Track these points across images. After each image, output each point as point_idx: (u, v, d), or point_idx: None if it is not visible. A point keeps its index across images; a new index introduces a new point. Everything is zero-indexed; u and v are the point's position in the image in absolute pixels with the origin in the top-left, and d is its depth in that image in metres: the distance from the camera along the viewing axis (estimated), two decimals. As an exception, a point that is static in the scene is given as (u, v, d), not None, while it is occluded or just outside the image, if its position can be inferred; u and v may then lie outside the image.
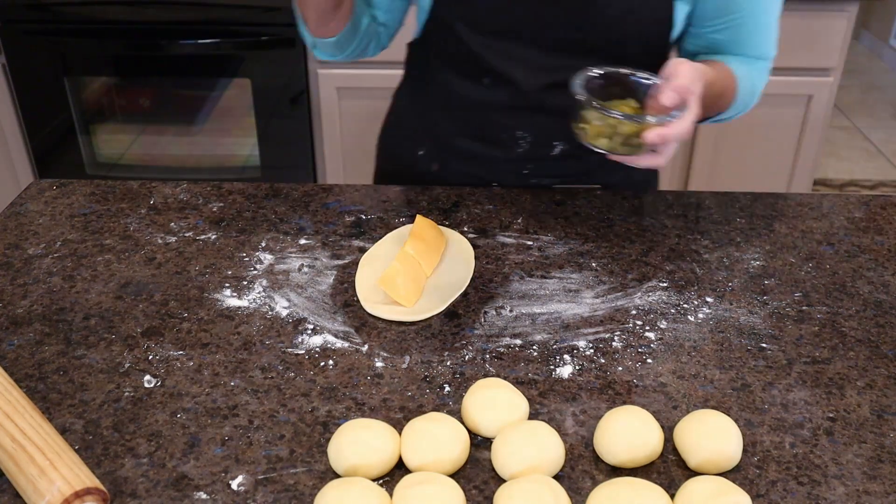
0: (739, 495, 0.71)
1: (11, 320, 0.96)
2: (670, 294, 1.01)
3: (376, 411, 0.84)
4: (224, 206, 1.18)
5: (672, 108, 0.92)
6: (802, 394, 0.86)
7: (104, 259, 1.07)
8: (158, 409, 0.84)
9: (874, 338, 0.94)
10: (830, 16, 2.19)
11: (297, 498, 0.74)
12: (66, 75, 2.35)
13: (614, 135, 0.95)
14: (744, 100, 1.14)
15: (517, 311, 0.98)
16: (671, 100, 0.91)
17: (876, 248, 1.10)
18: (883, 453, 0.79)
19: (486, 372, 0.89)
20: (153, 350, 0.92)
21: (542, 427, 0.77)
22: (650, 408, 0.84)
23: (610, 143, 0.96)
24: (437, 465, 0.75)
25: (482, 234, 1.12)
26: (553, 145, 1.19)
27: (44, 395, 0.85)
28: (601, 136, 0.96)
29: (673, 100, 0.91)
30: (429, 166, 1.27)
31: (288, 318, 0.96)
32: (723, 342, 0.93)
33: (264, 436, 0.81)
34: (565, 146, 1.19)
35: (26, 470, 0.71)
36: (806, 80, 2.28)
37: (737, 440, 0.77)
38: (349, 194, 1.20)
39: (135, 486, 0.75)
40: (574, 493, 0.75)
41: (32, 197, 1.21)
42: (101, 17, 2.25)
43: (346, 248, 1.09)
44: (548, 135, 1.18)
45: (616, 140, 0.95)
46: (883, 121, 3.86)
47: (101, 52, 2.33)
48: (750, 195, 1.22)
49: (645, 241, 1.11)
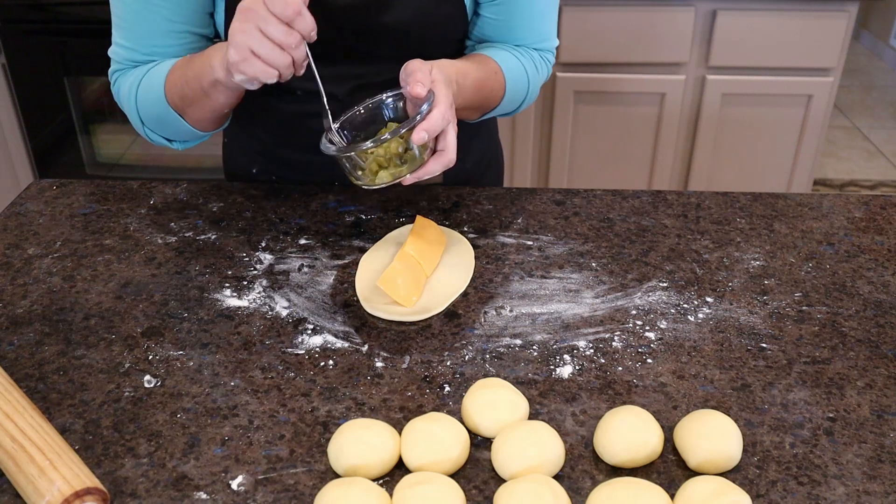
0: (739, 495, 0.71)
1: (11, 320, 0.96)
2: (670, 294, 1.01)
3: (376, 411, 0.84)
4: (224, 206, 1.18)
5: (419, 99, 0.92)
6: (802, 394, 0.86)
7: (104, 259, 1.07)
8: (158, 409, 0.84)
9: (874, 338, 0.94)
10: (830, 16, 2.19)
11: (297, 498, 0.74)
12: (66, 75, 2.35)
13: (389, 161, 0.94)
14: (516, 88, 1.14)
15: (517, 311, 0.98)
16: (423, 88, 0.91)
17: (876, 248, 1.10)
18: (883, 453, 0.79)
19: (486, 372, 0.89)
20: (153, 350, 0.92)
21: (542, 427, 0.77)
22: (650, 408, 0.84)
23: (390, 171, 0.94)
24: (437, 465, 0.75)
25: (482, 234, 1.12)
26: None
27: (44, 395, 0.85)
28: (378, 171, 0.95)
29: (424, 88, 0.91)
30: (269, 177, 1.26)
31: (288, 318, 0.96)
32: (723, 342, 0.93)
33: (264, 436, 0.81)
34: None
35: (26, 470, 0.71)
36: (806, 80, 2.28)
37: (737, 440, 0.77)
38: (349, 194, 1.20)
39: (135, 486, 0.75)
40: (574, 493, 0.75)
41: (32, 197, 1.21)
42: (101, 17, 2.24)
43: (346, 248, 1.09)
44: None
45: (393, 164, 0.94)
46: (883, 121, 3.86)
47: (101, 52, 2.31)
48: (750, 195, 1.22)
49: (645, 241, 1.11)
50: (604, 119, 2.38)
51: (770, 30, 2.21)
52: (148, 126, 1.10)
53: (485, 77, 1.09)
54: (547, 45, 1.19)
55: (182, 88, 1.02)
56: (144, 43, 1.07)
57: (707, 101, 2.32)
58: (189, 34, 1.07)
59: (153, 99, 1.06)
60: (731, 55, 2.26)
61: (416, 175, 0.94)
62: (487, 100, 1.12)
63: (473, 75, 1.06)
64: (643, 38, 2.25)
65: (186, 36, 1.07)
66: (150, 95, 1.06)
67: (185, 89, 1.02)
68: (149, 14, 1.04)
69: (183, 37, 1.07)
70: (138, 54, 1.08)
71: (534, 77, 1.17)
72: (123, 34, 1.09)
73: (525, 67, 1.15)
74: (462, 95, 1.03)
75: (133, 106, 1.09)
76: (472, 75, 1.06)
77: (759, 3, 2.18)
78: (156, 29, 1.06)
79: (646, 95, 2.33)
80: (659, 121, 2.37)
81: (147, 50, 1.08)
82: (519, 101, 1.18)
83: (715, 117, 2.34)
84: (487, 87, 1.10)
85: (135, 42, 1.08)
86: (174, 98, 1.04)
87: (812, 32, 2.21)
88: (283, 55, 0.88)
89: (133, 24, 1.06)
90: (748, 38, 2.23)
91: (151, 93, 1.06)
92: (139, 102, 1.08)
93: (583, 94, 2.33)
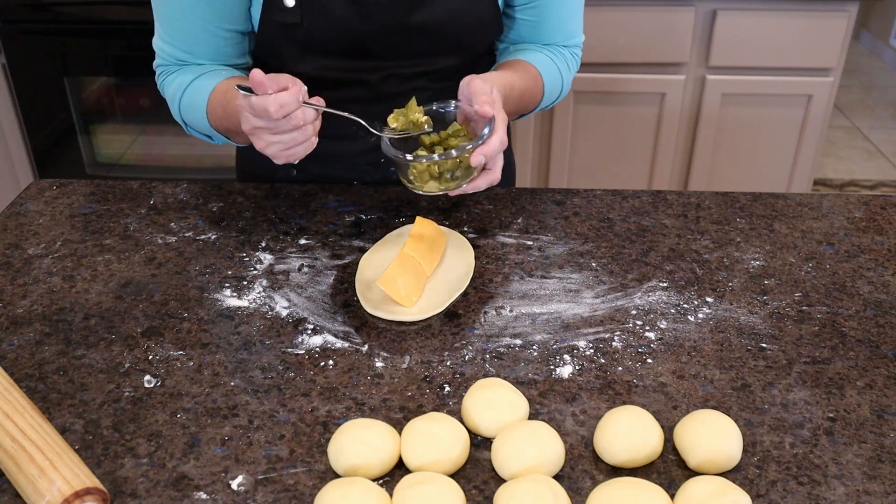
0: (739, 495, 0.71)
1: (11, 320, 0.96)
2: (670, 294, 1.01)
3: (376, 411, 0.84)
4: (224, 206, 1.18)
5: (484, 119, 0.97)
6: (802, 394, 0.86)
7: (104, 259, 1.07)
8: (158, 409, 0.84)
9: (874, 338, 0.94)
10: (830, 16, 2.19)
11: (297, 498, 0.74)
12: (66, 75, 2.35)
13: (442, 174, 0.98)
14: (552, 90, 1.20)
15: (517, 311, 0.98)
16: (491, 109, 0.96)
17: (876, 248, 1.10)
18: (883, 453, 0.79)
19: (486, 372, 0.89)
20: (153, 350, 0.92)
21: (542, 427, 0.77)
22: (650, 408, 0.84)
23: (441, 183, 0.99)
24: (437, 465, 0.75)
25: (482, 234, 1.12)
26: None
27: (44, 395, 0.85)
28: (430, 181, 0.99)
29: (492, 109, 0.96)
30: (289, 171, 1.27)
31: (288, 318, 0.96)
32: (723, 342, 0.93)
33: (264, 436, 0.81)
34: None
35: (26, 470, 0.71)
36: (806, 80, 2.28)
37: (737, 440, 0.77)
38: (349, 194, 1.20)
39: (135, 486, 0.75)
40: (574, 493, 0.75)
41: (32, 197, 1.21)
42: (101, 17, 2.25)
43: (346, 248, 1.09)
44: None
45: (445, 178, 0.98)
46: (883, 121, 3.86)
47: (101, 52, 2.33)
48: (750, 195, 1.22)
49: (645, 241, 1.11)
50: (604, 119, 2.38)
51: (770, 30, 2.21)
52: (192, 128, 1.15)
53: (528, 87, 1.14)
54: (576, 42, 1.24)
55: (223, 122, 1.07)
56: (184, 40, 1.11)
57: (707, 101, 2.32)
58: (227, 32, 1.11)
59: (198, 117, 1.11)
60: (731, 55, 2.26)
61: (461, 189, 0.98)
62: (528, 106, 1.19)
63: (519, 86, 1.11)
64: (643, 38, 2.25)
65: (225, 33, 1.11)
66: (195, 114, 1.11)
67: (227, 124, 1.07)
68: (188, 13, 1.08)
69: (221, 35, 1.11)
70: (179, 51, 1.12)
71: (567, 76, 1.22)
72: (165, 30, 1.12)
73: (559, 68, 1.20)
74: (507, 106, 1.06)
75: (177, 112, 1.15)
76: (517, 87, 1.11)
77: (759, 3, 2.18)
78: (195, 29, 1.10)
79: (646, 95, 2.33)
80: (659, 121, 2.37)
81: (187, 48, 1.12)
82: (553, 99, 1.23)
83: (715, 117, 2.34)
84: (529, 94, 1.15)
85: (175, 38, 1.12)
86: (218, 125, 1.09)
87: (812, 32, 2.21)
88: (302, 145, 0.94)
89: (173, 23, 1.11)
90: (748, 38, 2.23)
91: (195, 111, 1.11)
92: (183, 112, 1.13)
93: (583, 95, 2.33)
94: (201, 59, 1.12)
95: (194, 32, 1.10)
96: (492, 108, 0.96)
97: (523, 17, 1.17)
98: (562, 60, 1.21)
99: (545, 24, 1.18)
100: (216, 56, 1.13)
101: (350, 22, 1.07)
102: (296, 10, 1.06)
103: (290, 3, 1.06)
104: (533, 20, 1.17)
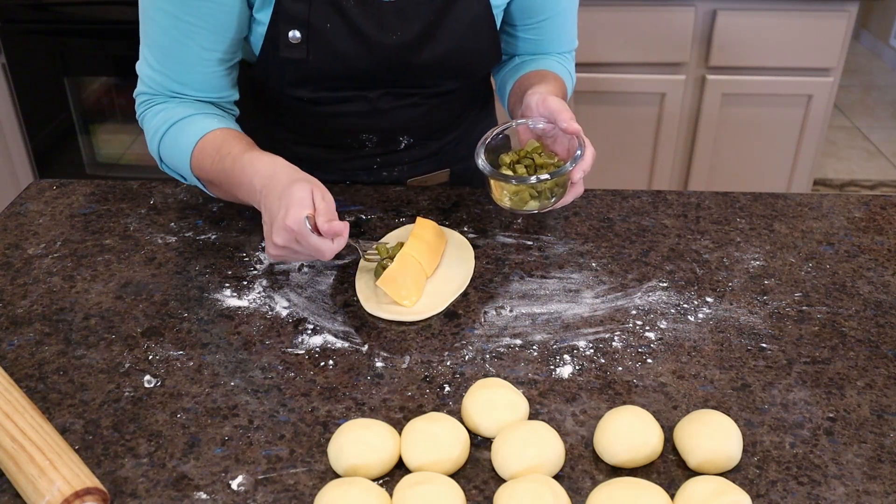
0: (739, 495, 0.71)
1: (11, 320, 0.96)
2: (670, 294, 1.01)
3: (376, 411, 0.84)
4: (224, 206, 1.18)
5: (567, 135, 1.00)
6: (802, 394, 0.86)
7: (104, 259, 1.07)
8: (158, 409, 0.84)
9: (874, 338, 0.94)
10: (830, 16, 2.19)
11: (297, 498, 0.74)
12: (66, 75, 2.35)
13: (542, 192, 1.00)
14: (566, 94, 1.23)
15: (517, 311, 0.98)
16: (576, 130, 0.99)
17: (876, 248, 1.10)
18: (883, 453, 0.79)
19: (486, 372, 0.89)
20: (153, 350, 0.92)
21: (542, 427, 0.77)
22: (650, 408, 0.84)
23: (540, 202, 1.01)
24: (437, 465, 0.75)
25: (482, 234, 1.12)
26: (399, 140, 1.22)
27: (44, 395, 0.85)
28: (529, 199, 1.00)
29: (577, 130, 0.99)
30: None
31: (288, 318, 0.96)
32: (723, 342, 0.93)
33: (264, 436, 0.81)
34: (409, 140, 1.23)
35: (26, 470, 0.71)
36: (806, 80, 2.28)
37: (737, 440, 0.77)
38: (349, 194, 1.20)
39: (135, 486, 0.75)
40: (574, 493, 0.75)
41: (32, 197, 1.21)
42: (101, 17, 2.25)
43: (346, 247, 1.09)
44: (393, 133, 1.21)
45: (545, 195, 1.00)
46: (883, 121, 3.86)
47: (101, 52, 2.33)
48: (750, 195, 1.22)
49: (645, 241, 1.11)
50: (604, 119, 2.38)
51: (770, 30, 2.21)
52: (166, 165, 1.10)
53: (563, 95, 1.17)
54: (572, 47, 1.27)
55: (215, 175, 1.02)
56: (177, 70, 1.05)
57: (707, 101, 2.32)
58: (222, 61, 1.06)
59: (179, 158, 1.05)
60: (731, 55, 2.26)
61: (557, 205, 1.02)
62: None
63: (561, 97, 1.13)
64: (643, 38, 2.25)
65: (219, 63, 1.06)
66: (177, 153, 1.05)
67: (220, 179, 1.01)
68: (185, 41, 1.02)
69: (216, 65, 1.06)
70: (169, 80, 1.06)
71: (573, 79, 1.27)
72: (155, 56, 1.05)
73: (570, 72, 1.25)
74: None
75: (156, 148, 1.08)
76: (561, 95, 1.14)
77: (759, 3, 2.18)
78: (190, 57, 1.04)
79: (646, 95, 2.33)
80: (659, 121, 2.37)
81: (179, 78, 1.05)
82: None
83: (715, 117, 2.34)
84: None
85: (167, 67, 1.05)
86: (202, 174, 1.04)
87: (812, 32, 2.21)
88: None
89: (167, 49, 1.04)
90: (748, 38, 2.23)
91: (178, 150, 1.05)
92: (163, 149, 1.07)
93: (583, 95, 2.33)
94: (192, 90, 1.06)
95: (189, 61, 1.04)
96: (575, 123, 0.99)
97: (526, 35, 1.20)
98: (567, 64, 1.25)
99: (547, 39, 1.22)
100: (208, 88, 1.07)
101: (357, 59, 1.07)
102: (302, 46, 1.05)
103: (295, 40, 1.04)
104: (535, 38, 1.21)
